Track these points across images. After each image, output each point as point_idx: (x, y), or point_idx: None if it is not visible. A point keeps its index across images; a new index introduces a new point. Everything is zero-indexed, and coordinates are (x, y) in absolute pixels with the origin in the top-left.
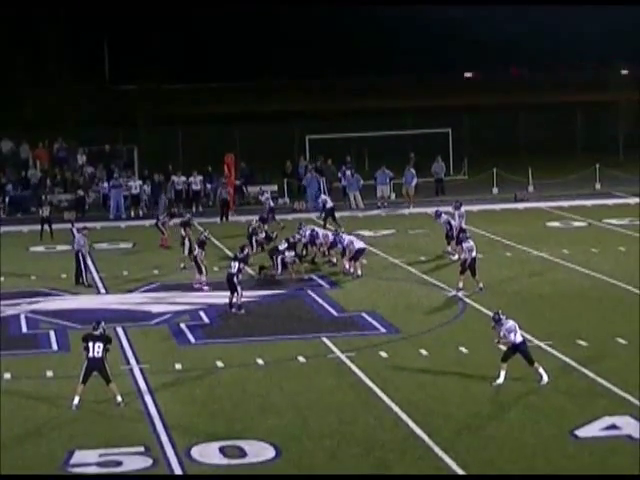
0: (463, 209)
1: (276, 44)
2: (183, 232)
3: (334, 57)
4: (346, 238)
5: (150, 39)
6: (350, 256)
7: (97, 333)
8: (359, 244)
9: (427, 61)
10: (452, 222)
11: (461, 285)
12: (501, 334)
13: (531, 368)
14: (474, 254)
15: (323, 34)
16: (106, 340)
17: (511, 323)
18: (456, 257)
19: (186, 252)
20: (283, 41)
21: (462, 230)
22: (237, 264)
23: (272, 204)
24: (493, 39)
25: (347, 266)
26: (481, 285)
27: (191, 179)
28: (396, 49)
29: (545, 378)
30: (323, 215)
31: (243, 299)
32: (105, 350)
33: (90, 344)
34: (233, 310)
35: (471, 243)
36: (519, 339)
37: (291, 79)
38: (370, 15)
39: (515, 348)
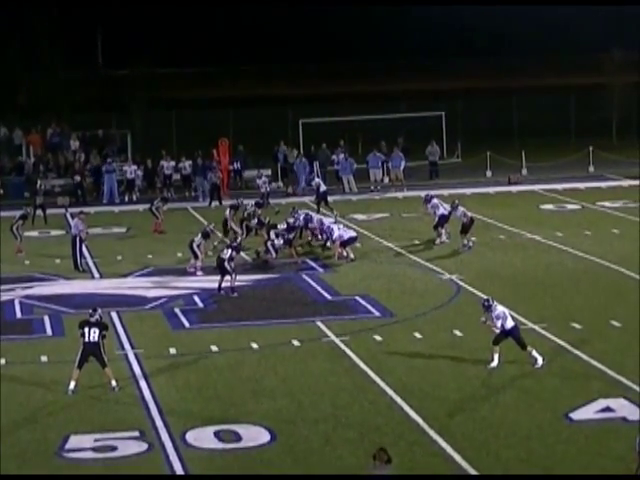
0: (461, 209)
1: (269, 28)
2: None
3: (328, 41)
4: (336, 232)
5: (143, 23)
6: (339, 243)
7: (93, 320)
8: (349, 233)
9: (418, 45)
10: (441, 209)
11: (465, 242)
12: (489, 321)
13: (524, 352)
14: (469, 215)
15: (316, 19)
16: (102, 326)
17: (500, 309)
18: (438, 242)
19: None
20: (276, 25)
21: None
22: (230, 251)
23: (268, 189)
24: (485, 23)
25: (339, 250)
26: (470, 243)
27: (180, 164)
28: (389, 34)
29: (540, 361)
30: (316, 199)
31: (237, 283)
32: (102, 336)
33: (86, 330)
34: (222, 292)
35: (462, 209)
36: (510, 324)
37: (285, 63)
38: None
39: (507, 333)
